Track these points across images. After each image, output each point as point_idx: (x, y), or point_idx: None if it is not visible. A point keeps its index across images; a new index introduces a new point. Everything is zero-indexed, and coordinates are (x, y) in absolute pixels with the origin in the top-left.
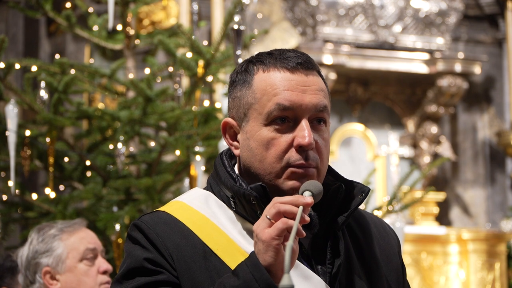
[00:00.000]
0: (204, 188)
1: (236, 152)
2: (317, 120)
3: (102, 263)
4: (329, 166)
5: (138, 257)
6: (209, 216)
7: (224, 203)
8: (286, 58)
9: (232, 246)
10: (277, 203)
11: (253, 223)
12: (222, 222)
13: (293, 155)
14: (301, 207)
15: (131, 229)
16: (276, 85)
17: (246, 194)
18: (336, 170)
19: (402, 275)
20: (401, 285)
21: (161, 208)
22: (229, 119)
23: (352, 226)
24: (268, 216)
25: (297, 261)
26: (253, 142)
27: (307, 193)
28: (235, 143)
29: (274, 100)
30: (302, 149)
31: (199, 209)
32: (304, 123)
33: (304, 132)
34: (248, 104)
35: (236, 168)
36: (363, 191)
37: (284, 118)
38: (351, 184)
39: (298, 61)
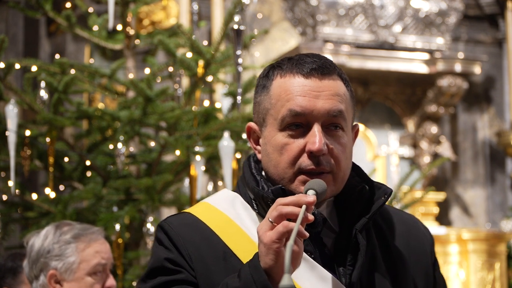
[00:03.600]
0: (233, 190)
1: (259, 156)
2: (333, 126)
3: (108, 279)
4: (358, 167)
5: (160, 257)
6: (233, 218)
7: (249, 204)
8: (302, 64)
9: (253, 247)
10: (279, 206)
11: None
12: (245, 223)
13: (304, 160)
14: (304, 206)
15: (157, 230)
16: (289, 90)
17: (264, 197)
18: (365, 173)
19: (432, 274)
20: (430, 284)
21: (187, 210)
22: (252, 124)
23: (381, 225)
24: (270, 219)
25: (314, 262)
26: (269, 147)
27: (310, 192)
28: (258, 147)
29: (287, 106)
30: (313, 155)
31: (224, 211)
32: (316, 129)
33: (314, 138)
34: (265, 109)
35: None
36: (386, 192)
37: (298, 124)
38: (376, 185)
39: (313, 67)
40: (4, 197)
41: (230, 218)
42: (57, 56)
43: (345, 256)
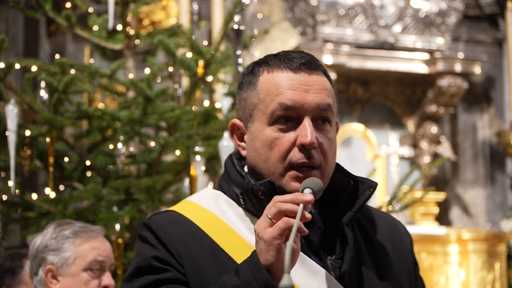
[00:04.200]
0: (214, 189)
1: (244, 153)
2: (321, 120)
3: (106, 278)
4: (337, 163)
5: (147, 255)
6: (218, 214)
7: (234, 200)
8: (290, 59)
9: (241, 243)
10: (277, 202)
11: None
12: (231, 219)
13: (295, 154)
14: (301, 205)
15: (141, 229)
16: (279, 85)
17: (254, 190)
18: (345, 168)
19: (414, 272)
20: (413, 282)
21: (171, 208)
22: (236, 120)
23: (363, 221)
24: (269, 216)
25: (305, 256)
26: (257, 142)
27: (307, 191)
28: (243, 143)
29: (277, 100)
30: (304, 148)
31: (209, 208)
32: (307, 122)
33: (306, 131)
34: (253, 104)
35: (246, 168)
36: (371, 186)
37: (287, 117)
38: (359, 180)
39: (301, 61)
40: (4, 197)
41: (215, 214)
42: (57, 56)
43: (332, 251)
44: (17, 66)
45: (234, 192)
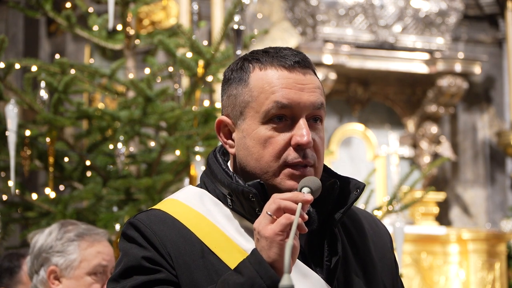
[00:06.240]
0: (197, 186)
1: (231, 150)
2: (314, 119)
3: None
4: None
5: (136, 255)
6: (205, 214)
7: (220, 200)
8: (283, 57)
9: (229, 244)
10: (277, 199)
11: (251, 221)
12: (218, 219)
13: (290, 153)
14: (300, 204)
15: (127, 228)
16: (273, 83)
17: (245, 192)
18: (330, 168)
19: (395, 270)
20: (395, 280)
21: (156, 206)
22: (224, 117)
23: (346, 222)
24: (269, 212)
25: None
26: (249, 140)
27: (305, 190)
28: (230, 141)
29: (272, 98)
30: (300, 148)
31: (195, 207)
32: (302, 122)
33: (302, 131)
34: (244, 102)
35: (229, 165)
36: (358, 186)
37: (282, 116)
38: (345, 180)
39: (296, 60)
40: (4, 197)
41: (201, 214)
42: (57, 56)
43: (319, 252)
44: (17, 66)
45: (221, 192)
